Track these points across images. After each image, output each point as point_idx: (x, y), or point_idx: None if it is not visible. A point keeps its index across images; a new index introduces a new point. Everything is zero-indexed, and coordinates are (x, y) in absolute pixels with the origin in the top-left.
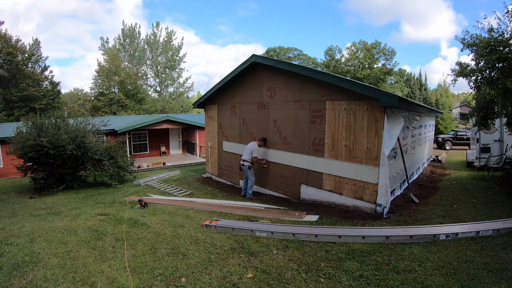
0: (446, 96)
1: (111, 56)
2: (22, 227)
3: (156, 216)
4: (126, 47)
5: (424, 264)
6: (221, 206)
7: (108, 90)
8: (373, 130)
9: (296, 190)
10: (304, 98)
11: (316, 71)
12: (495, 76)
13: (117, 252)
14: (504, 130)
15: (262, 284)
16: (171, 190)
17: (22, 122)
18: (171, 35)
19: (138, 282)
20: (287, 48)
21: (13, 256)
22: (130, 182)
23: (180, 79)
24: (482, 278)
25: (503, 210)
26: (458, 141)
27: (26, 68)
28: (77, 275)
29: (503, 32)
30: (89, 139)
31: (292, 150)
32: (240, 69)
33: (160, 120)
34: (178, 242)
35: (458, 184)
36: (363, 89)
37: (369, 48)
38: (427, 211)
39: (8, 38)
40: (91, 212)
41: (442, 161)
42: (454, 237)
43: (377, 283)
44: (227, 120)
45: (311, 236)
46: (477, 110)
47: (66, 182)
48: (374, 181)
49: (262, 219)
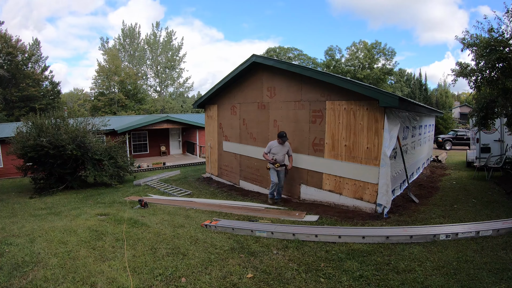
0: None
1: (111, 56)
2: (22, 227)
3: (156, 216)
4: (126, 47)
5: (424, 264)
6: (221, 206)
7: (108, 90)
8: (373, 130)
9: (296, 190)
10: (304, 98)
11: (316, 71)
12: (495, 76)
13: (117, 252)
14: (504, 130)
15: (262, 284)
16: (171, 190)
17: (22, 122)
18: (171, 35)
19: (138, 282)
20: (287, 48)
21: (13, 256)
22: (130, 182)
23: (180, 79)
24: (482, 278)
25: (503, 210)
26: (458, 141)
27: (26, 68)
28: (77, 275)
29: (503, 32)
30: (89, 139)
31: (292, 150)
32: (240, 69)
33: (160, 120)
34: (178, 242)
35: (458, 184)
36: (363, 89)
37: (369, 48)
38: (427, 211)
39: (8, 38)
40: (91, 212)
41: (442, 161)
42: (454, 237)
43: (377, 283)
44: (227, 120)
45: (311, 236)
46: (477, 110)
47: (66, 182)
48: (374, 181)
49: (262, 219)
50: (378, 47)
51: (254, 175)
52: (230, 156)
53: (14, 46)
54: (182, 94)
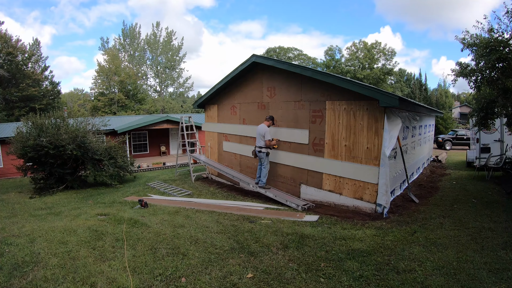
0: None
1: (111, 56)
2: (22, 227)
3: (156, 216)
4: (126, 47)
5: (424, 264)
6: (221, 207)
7: (108, 90)
8: (373, 130)
9: (296, 190)
10: (304, 98)
11: (316, 71)
12: (495, 76)
13: (117, 252)
14: (504, 130)
15: (262, 284)
16: (171, 190)
17: (22, 122)
18: (171, 35)
19: (138, 282)
20: (287, 48)
21: (13, 256)
22: (130, 182)
23: (180, 79)
24: (482, 278)
25: (503, 210)
26: (458, 141)
27: (26, 68)
28: (77, 275)
29: (503, 32)
30: (89, 139)
31: (292, 150)
32: (240, 69)
33: (160, 120)
34: (178, 242)
35: (458, 184)
36: (363, 89)
37: (369, 48)
38: (427, 211)
39: (8, 38)
40: (91, 212)
41: (442, 161)
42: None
43: (377, 283)
44: (227, 120)
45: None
46: (477, 110)
47: (66, 182)
48: (374, 181)
49: (263, 219)
50: (378, 47)
51: (255, 175)
52: (230, 156)
53: (14, 46)
54: (182, 94)
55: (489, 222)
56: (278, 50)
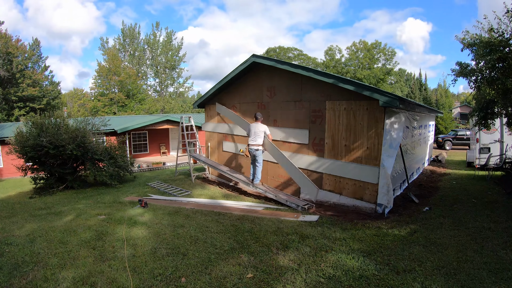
0: (446, 96)
1: (111, 56)
2: (22, 227)
3: (156, 216)
4: (126, 47)
5: (424, 264)
6: (221, 207)
7: (108, 90)
8: (373, 130)
9: (296, 190)
10: (304, 98)
11: (316, 71)
12: (495, 76)
13: (117, 252)
14: (504, 130)
15: (262, 284)
16: (171, 190)
17: (22, 122)
18: (170, 35)
19: (138, 282)
20: (287, 48)
21: (13, 256)
22: (130, 182)
23: (180, 79)
24: (482, 278)
25: (503, 210)
26: (458, 141)
27: (26, 68)
28: (77, 275)
29: (503, 32)
30: (89, 139)
31: (292, 150)
32: (240, 69)
33: (160, 120)
34: (178, 242)
35: (458, 184)
36: (363, 89)
37: (369, 48)
38: (427, 211)
39: (8, 38)
40: (91, 212)
41: (442, 161)
42: None
43: (377, 283)
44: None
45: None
46: (477, 110)
47: (66, 182)
48: (374, 181)
49: (262, 219)
50: (378, 47)
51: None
52: (230, 156)
53: (14, 46)
54: (182, 94)
55: (489, 222)
56: (278, 50)
